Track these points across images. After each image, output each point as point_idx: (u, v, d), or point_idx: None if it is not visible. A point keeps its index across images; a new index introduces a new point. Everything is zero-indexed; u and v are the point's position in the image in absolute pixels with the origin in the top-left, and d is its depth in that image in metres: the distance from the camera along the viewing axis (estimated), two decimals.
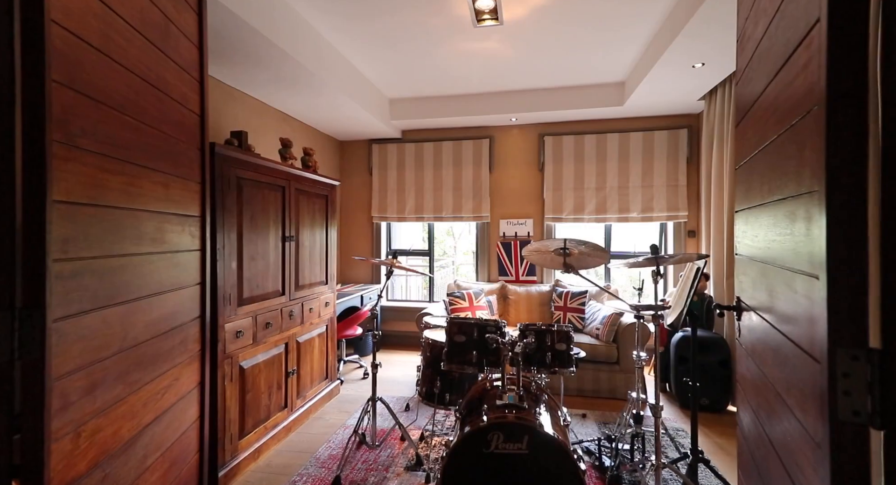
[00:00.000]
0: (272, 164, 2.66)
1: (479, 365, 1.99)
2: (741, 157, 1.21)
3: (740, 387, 1.25)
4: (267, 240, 2.65)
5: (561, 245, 1.84)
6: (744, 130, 1.18)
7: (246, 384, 2.44)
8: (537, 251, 1.96)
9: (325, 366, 3.37)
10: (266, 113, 3.75)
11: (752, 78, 1.07)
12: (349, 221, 5.18)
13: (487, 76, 3.86)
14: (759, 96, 0.99)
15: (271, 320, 2.66)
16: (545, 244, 1.91)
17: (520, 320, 4.18)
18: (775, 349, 0.88)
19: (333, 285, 3.49)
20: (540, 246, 1.92)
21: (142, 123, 1.29)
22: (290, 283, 2.87)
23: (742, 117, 1.19)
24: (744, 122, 1.18)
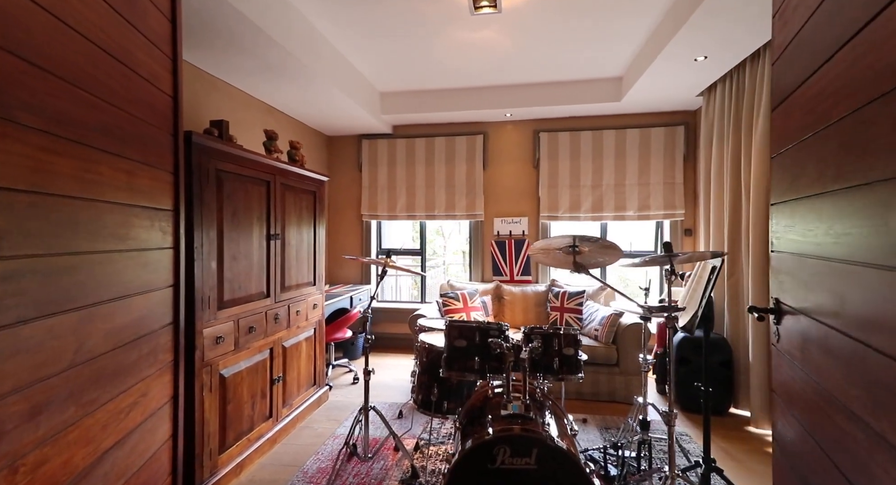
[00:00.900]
0: (256, 156, 2.47)
1: (482, 372, 1.85)
2: (782, 143, 1.09)
3: (780, 398, 1.12)
4: (250, 238, 2.46)
5: (570, 242, 1.71)
6: (787, 113, 1.05)
7: (227, 394, 2.25)
8: (544, 250, 1.83)
9: (313, 371, 3.19)
10: (250, 105, 3.55)
11: (802, 53, 0.95)
12: (338, 219, 4.99)
13: (483, 69, 3.73)
14: (818, 70, 0.87)
15: (255, 324, 2.48)
16: (553, 242, 1.78)
17: (515, 322, 4.06)
18: (848, 361, 0.76)
19: (322, 286, 3.31)
20: (547, 244, 1.79)
21: (102, 100, 1.11)
22: (275, 284, 2.69)
23: (784, 99, 1.07)
24: (786, 104, 1.05)
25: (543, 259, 1.88)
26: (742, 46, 2.74)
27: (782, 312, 1.10)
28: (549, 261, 1.87)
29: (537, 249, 1.85)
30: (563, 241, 1.74)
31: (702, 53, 2.88)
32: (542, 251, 1.85)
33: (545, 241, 1.80)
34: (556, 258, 1.83)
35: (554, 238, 1.76)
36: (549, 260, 1.86)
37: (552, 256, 1.85)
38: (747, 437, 2.75)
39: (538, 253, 1.89)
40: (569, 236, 1.71)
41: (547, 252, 1.84)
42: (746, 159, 2.97)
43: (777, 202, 1.13)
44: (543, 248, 1.82)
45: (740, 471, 2.33)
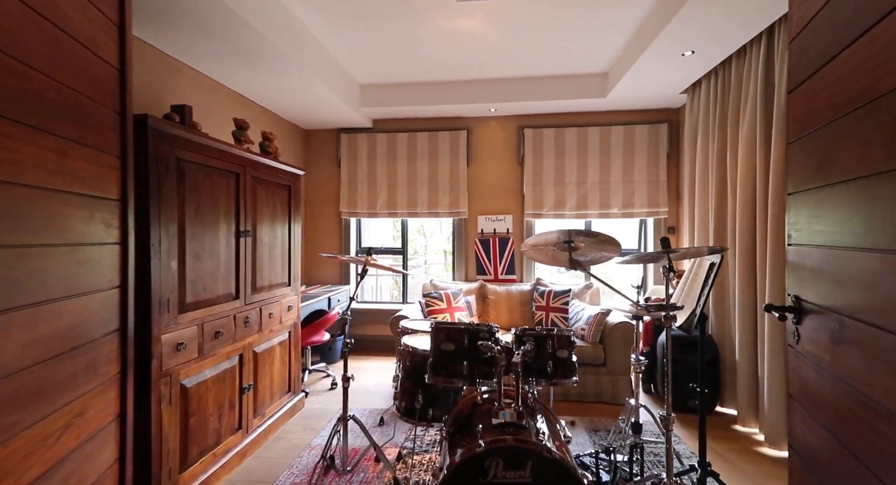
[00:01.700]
0: (224, 146, 2.27)
1: (471, 378, 1.71)
2: (804, 126, 0.99)
3: (799, 404, 1.03)
4: (217, 235, 2.26)
5: (565, 238, 1.60)
6: (810, 94, 0.96)
7: (189, 406, 2.05)
8: (537, 246, 1.71)
9: (288, 378, 2.99)
10: (219, 93, 3.32)
11: (833, 25, 0.85)
12: (315, 216, 4.77)
13: (467, 61, 3.60)
14: (857, 40, 0.77)
15: (222, 329, 2.28)
16: (546, 238, 1.66)
17: (500, 322, 3.95)
18: None
19: (297, 287, 3.11)
20: (539, 240, 1.67)
21: (18, 62, 0.92)
22: (245, 284, 2.48)
23: (806, 78, 0.98)
24: (810, 83, 0.96)
25: (536, 256, 1.76)
26: (731, 40, 2.70)
27: (804, 311, 1.00)
28: (542, 258, 1.75)
29: (529, 245, 1.73)
30: (558, 236, 1.63)
31: (690, 48, 2.83)
32: (535, 248, 1.73)
33: (537, 236, 1.68)
34: (550, 255, 1.72)
35: (547, 233, 1.65)
36: (542, 257, 1.75)
37: (545, 253, 1.73)
38: (735, 436, 2.72)
39: (530, 250, 1.77)
40: (563, 231, 1.60)
41: (539, 249, 1.73)
42: (732, 156, 2.94)
43: (797, 192, 1.03)
44: (536, 244, 1.70)
45: (734, 473, 2.27)
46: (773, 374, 2.47)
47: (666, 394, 1.68)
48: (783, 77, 2.43)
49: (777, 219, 2.45)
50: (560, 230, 1.61)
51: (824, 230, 0.90)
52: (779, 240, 2.45)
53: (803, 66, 1.00)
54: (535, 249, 1.74)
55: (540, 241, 1.66)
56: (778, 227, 2.45)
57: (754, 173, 2.73)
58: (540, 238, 1.65)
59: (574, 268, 1.58)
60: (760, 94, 2.63)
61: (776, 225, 2.46)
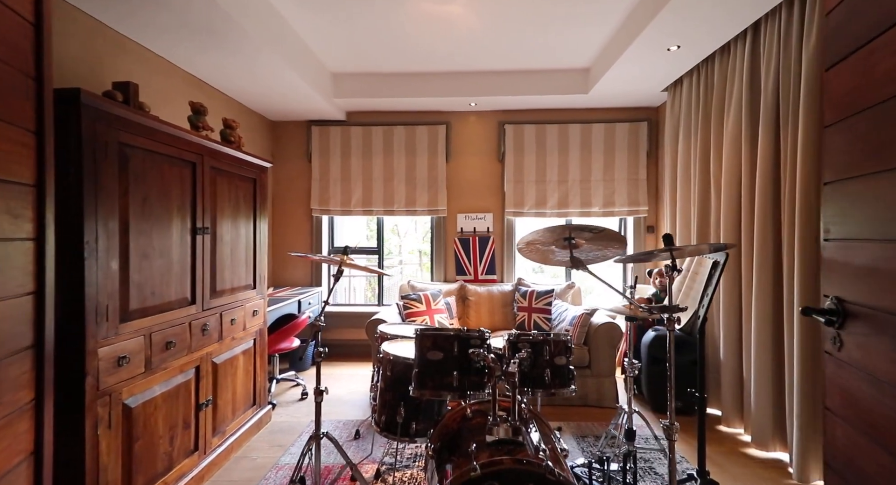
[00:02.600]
0: (178, 131, 2.00)
1: (461, 389, 1.54)
2: (851, 106, 0.88)
3: (841, 417, 0.92)
4: (169, 231, 1.99)
5: (564, 234, 1.46)
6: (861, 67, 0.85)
7: (134, 429, 1.78)
8: (533, 244, 1.56)
9: (253, 389, 2.72)
10: (172, 76, 3.00)
11: None
12: (284, 213, 4.47)
13: (448, 52, 3.43)
14: None
15: (175, 338, 2.00)
16: (542, 235, 1.51)
17: (481, 324, 3.81)
18: None
19: (264, 290, 2.85)
20: (536, 237, 1.52)
21: None
22: (203, 288, 2.22)
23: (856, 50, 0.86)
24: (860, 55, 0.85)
25: (532, 255, 1.62)
26: (719, 34, 2.66)
27: (848, 314, 0.89)
28: (539, 257, 1.61)
29: (525, 243, 1.58)
30: (557, 232, 1.48)
31: (676, 42, 2.77)
32: (531, 246, 1.58)
33: (534, 233, 1.53)
34: (547, 254, 1.57)
35: (544, 229, 1.50)
36: (539, 256, 1.60)
37: (542, 252, 1.59)
38: (720, 437, 2.68)
39: (525, 249, 1.62)
40: (563, 227, 1.46)
41: (536, 247, 1.58)
42: (717, 153, 2.91)
43: (838, 180, 0.92)
44: (533, 242, 1.55)
45: (725, 477, 2.21)
46: (760, 375, 2.43)
47: (669, 400, 1.57)
48: (770, 73, 2.40)
49: (768, 215, 2.42)
50: (559, 226, 1.47)
51: (885, 219, 0.79)
52: (773, 237, 2.42)
53: (849, 38, 0.88)
54: (532, 247, 1.59)
55: (537, 238, 1.51)
56: (768, 224, 2.42)
57: (739, 170, 2.70)
58: (537, 235, 1.50)
59: (576, 267, 1.44)
60: (746, 90, 2.60)
61: (768, 222, 2.42)
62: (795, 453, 2.15)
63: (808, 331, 2.11)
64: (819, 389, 2.11)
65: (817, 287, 2.10)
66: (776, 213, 2.40)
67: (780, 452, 2.41)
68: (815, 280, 2.11)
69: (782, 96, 2.32)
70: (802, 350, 2.12)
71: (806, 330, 2.12)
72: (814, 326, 2.11)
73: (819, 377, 2.11)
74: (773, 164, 2.40)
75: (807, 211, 2.12)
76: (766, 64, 2.44)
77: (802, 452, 2.12)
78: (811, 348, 2.11)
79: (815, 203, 2.11)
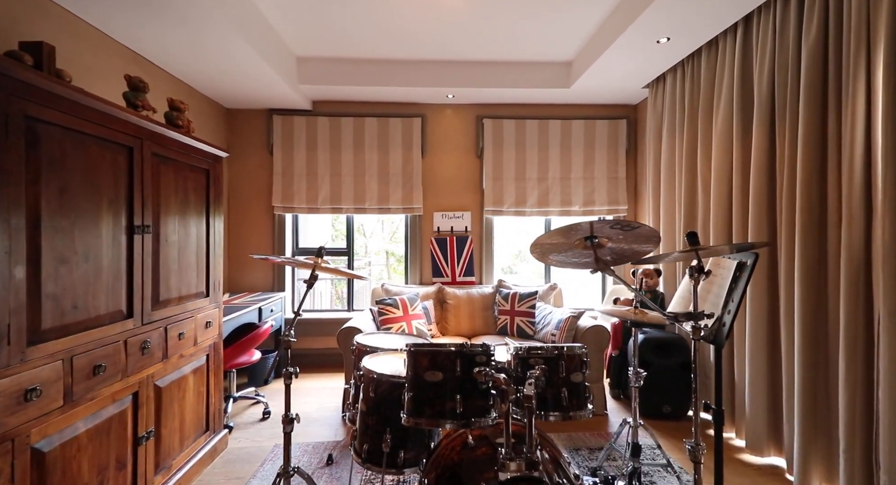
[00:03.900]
0: (109, 107, 1.63)
1: (465, 417, 1.31)
2: None
3: None
4: (97, 230, 1.62)
5: (585, 232, 1.26)
6: None
7: (49, 479, 1.40)
8: (551, 245, 1.35)
9: (206, 413, 2.35)
10: (106, 49, 2.56)
11: None
12: (241, 211, 4.05)
13: (426, 36, 3.18)
14: None
15: (105, 361, 1.63)
16: (561, 234, 1.30)
17: (461, 329, 3.59)
18: None
19: (219, 297, 2.48)
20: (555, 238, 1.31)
21: None
22: (143, 298, 1.85)
23: None
24: None
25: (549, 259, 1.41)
26: (712, 24, 2.58)
27: None
28: (558, 260, 1.40)
29: (539, 245, 1.36)
30: (578, 231, 1.28)
31: (667, 33, 2.68)
32: (549, 248, 1.37)
33: (551, 234, 1.32)
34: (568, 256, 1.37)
35: (560, 230, 1.30)
36: (557, 259, 1.40)
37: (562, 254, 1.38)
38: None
39: (540, 252, 1.40)
40: (584, 224, 1.26)
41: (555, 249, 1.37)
42: (705, 150, 2.85)
43: None
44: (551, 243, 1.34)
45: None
46: (755, 379, 2.37)
47: (695, 416, 1.41)
48: (765, 68, 2.34)
49: (763, 215, 2.35)
50: (580, 223, 1.27)
51: None
52: (769, 236, 2.35)
53: None
54: (549, 249, 1.37)
55: (556, 239, 1.30)
56: (763, 223, 2.35)
57: (730, 168, 2.64)
58: (555, 236, 1.29)
59: (603, 270, 1.25)
60: (737, 86, 2.54)
61: (763, 221, 2.35)
62: (797, 459, 2.08)
63: (809, 334, 2.05)
64: (821, 392, 2.05)
65: (819, 287, 2.04)
66: (771, 212, 2.35)
67: (776, 457, 2.36)
68: (816, 280, 2.05)
69: (778, 91, 2.26)
70: (804, 353, 2.05)
71: (808, 333, 2.05)
72: (816, 329, 2.05)
73: (820, 381, 2.05)
74: (768, 161, 2.34)
75: (808, 210, 2.06)
76: (760, 58, 2.38)
77: (804, 458, 2.06)
78: (812, 351, 2.05)
79: (818, 202, 2.05)
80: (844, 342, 1.86)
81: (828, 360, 2.03)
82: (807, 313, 2.05)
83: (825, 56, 2.04)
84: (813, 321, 2.05)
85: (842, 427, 1.88)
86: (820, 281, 2.05)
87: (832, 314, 1.99)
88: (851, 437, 1.85)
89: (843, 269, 1.87)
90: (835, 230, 1.98)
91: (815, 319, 2.05)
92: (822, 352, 2.04)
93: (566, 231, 1.30)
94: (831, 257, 1.99)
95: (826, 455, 2.03)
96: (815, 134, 2.05)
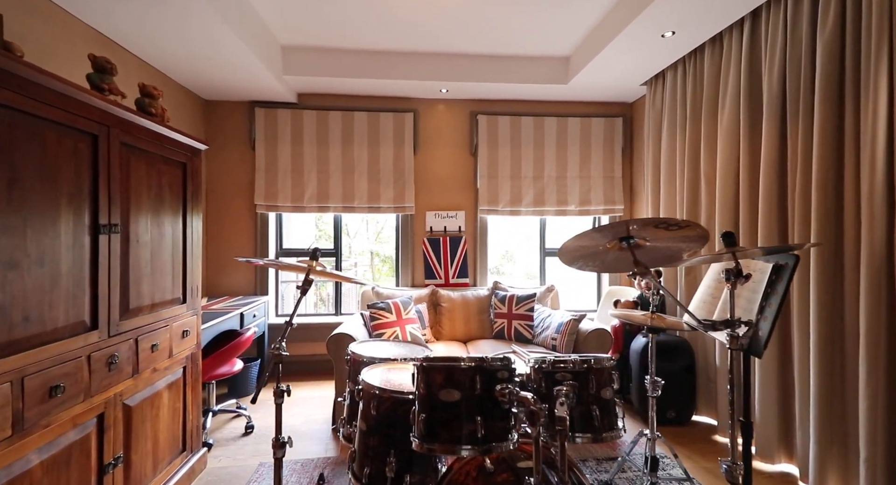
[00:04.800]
0: (71, 88, 1.42)
1: (486, 442, 1.16)
2: None
3: None
4: (54, 229, 1.40)
5: (622, 232, 1.13)
6: None
7: None
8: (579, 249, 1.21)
9: (182, 432, 2.14)
10: (70, 31, 2.31)
11: None
12: (220, 209, 3.80)
13: (419, 27, 3.02)
14: None
15: (65, 380, 1.42)
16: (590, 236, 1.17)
17: (456, 333, 3.44)
18: None
19: (197, 304, 2.26)
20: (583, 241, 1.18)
21: None
22: (109, 306, 1.63)
23: None
24: None
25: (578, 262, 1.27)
26: (721, 17, 2.50)
27: None
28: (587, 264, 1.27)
29: (571, 249, 1.22)
30: (609, 232, 1.15)
31: (673, 27, 2.59)
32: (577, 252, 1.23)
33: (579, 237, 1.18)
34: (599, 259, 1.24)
35: (594, 230, 1.16)
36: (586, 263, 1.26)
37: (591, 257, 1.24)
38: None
39: (570, 256, 1.26)
40: (617, 224, 1.12)
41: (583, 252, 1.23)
42: (709, 149, 2.78)
43: None
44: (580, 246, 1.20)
45: None
46: (765, 385, 2.30)
47: (731, 431, 1.30)
48: (775, 63, 2.27)
49: (774, 215, 2.28)
50: (611, 224, 1.14)
51: None
52: (779, 236, 2.29)
53: None
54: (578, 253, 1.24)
55: (585, 242, 1.16)
56: (773, 223, 2.28)
57: (737, 167, 2.57)
58: (583, 238, 1.15)
59: (643, 275, 1.12)
60: (744, 82, 2.47)
61: (774, 221, 2.28)
62: (812, 467, 2.01)
63: (825, 339, 1.98)
64: (836, 399, 1.98)
65: (835, 289, 1.98)
66: (782, 211, 2.28)
67: (786, 464, 2.29)
68: (832, 282, 1.98)
69: (790, 87, 2.19)
70: (819, 359, 1.98)
71: (823, 338, 1.98)
72: (832, 334, 1.98)
73: (836, 388, 1.98)
74: (779, 159, 2.28)
75: (824, 209, 1.99)
76: (770, 54, 2.31)
77: (821, 466, 1.99)
78: (828, 357, 1.98)
79: (834, 201, 1.98)
80: (865, 348, 1.79)
81: (844, 366, 1.97)
82: (822, 317, 1.98)
83: (842, 50, 1.97)
84: (829, 326, 1.98)
85: (862, 435, 1.81)
86: (836, 283, 1.98)
87: (849, 318, 1.93)
88: (873, 445, 1.78)
89: (864, 270, 1.81)
90: (852, 230, 1.92)
91: (832, 324, 1.98)
92: (839, 358, 1.98)
93: (597, 232, 1.17)
94: (848, 258, 1.93)
95: (843, 464, 1.96)
96: (831, 130, 1.99)
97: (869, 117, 1.82)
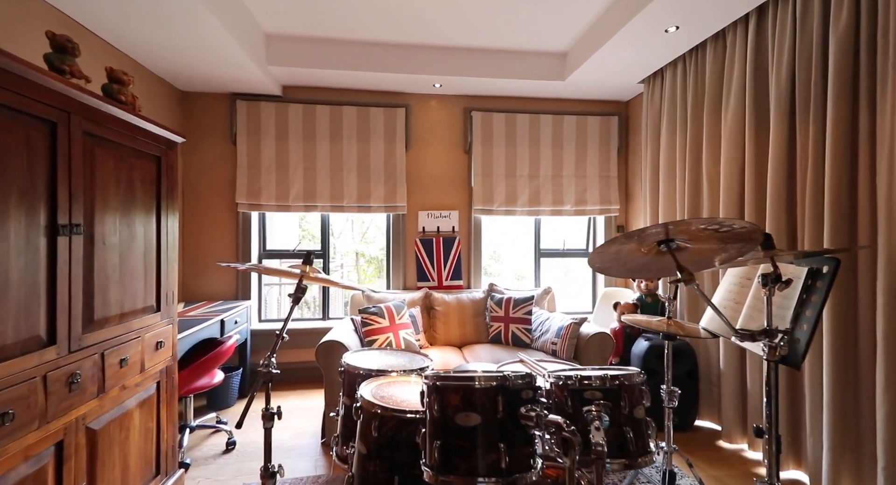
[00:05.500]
0: (23, 67, 1.22)
1: (509, 474, 1.02)
2: None
3: None
4: (2, 230, 1.20)
5: (660, 234, 1.01)
6: None
7: None
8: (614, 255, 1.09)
9: (156, 453, 1.93)
10: (29, 10, 2.07)
11: None
12: (198, 208, 3.56)
13: (412, 18, 2.87)
14: None
15: (14, 406, 1.22)
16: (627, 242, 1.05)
17: (451, 338, 3.30)
18: None
19: (173, 311, 2.06)
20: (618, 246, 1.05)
21: None
22: (69, 318, 1.43)
23: None
24: None
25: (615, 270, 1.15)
26: (724, 15, 2.44)
27: None
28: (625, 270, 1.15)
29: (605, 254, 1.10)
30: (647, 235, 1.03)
31: (677, 21, 2.52)
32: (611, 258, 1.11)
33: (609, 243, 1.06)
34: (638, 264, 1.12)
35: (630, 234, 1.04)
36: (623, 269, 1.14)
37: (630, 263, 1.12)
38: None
39: (600, 261, 1.14)
40: (657, 226, 1.01)
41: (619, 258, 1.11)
42: (712, 148, 2.72)
43: None
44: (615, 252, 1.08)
45: None
46: None
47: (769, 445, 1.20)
48: (784, 59, 2.21)
49: (783, 215, 2.22)
50: (650, 226, 1.02)
51: None
52: (787, 238, 2.22)
53: None
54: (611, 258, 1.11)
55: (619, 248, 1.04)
56: (782, 224, 2.22)
57: (742, 166, 2.51)
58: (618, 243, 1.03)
59: (688, 282, 1.00)
60: (750, 78, 2.41)
61: (783, 222, 2.22)
62: (826, 475, 1.95)
63: (838, 345, 1.92)
64: (850, 407, 1.92)
65: (849, 293, 1.92)
66: (791, 211, 2.22)
67: (795, 470, 2.24)
68: (845, 285, 1.92)
69: (799, 85, 2.13)
70: (833, 366, 1.92)
71: (837, 344, 1.92)
72: (845, 340, 1.92)
73: (850, 395, 1.92)
74: (787, 159, 2.22)
75: (837, 210, 1.93)
76: (778, 50, 2.25)
77: (835, 474, 1.93)
78: (842, 364, 1.92)
79: (848, 202, 1.93)
80: (884, 353, 1.73)
81: (858, 372, 1.91)
82: (836, 322, 1.92)
83: (856, 44, 1.92)
84: (842, 331, 1.92)
85: (880, 443, 1.75)
86: (850, 287, 1.93)
87: (865, 323, 1.87)
88: (892, 452, 1.72)
89: (882, 273, 1.75)
90: (867, 232, 1.86)
91: (845, 329, 1.92)
92: (852, 365, 1.92)
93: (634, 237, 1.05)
94: (863, 260, 1.87)
95: (857, 471, 1.91)
96: (845, 128, 1.93)
97: (887, 113, 1.76)
